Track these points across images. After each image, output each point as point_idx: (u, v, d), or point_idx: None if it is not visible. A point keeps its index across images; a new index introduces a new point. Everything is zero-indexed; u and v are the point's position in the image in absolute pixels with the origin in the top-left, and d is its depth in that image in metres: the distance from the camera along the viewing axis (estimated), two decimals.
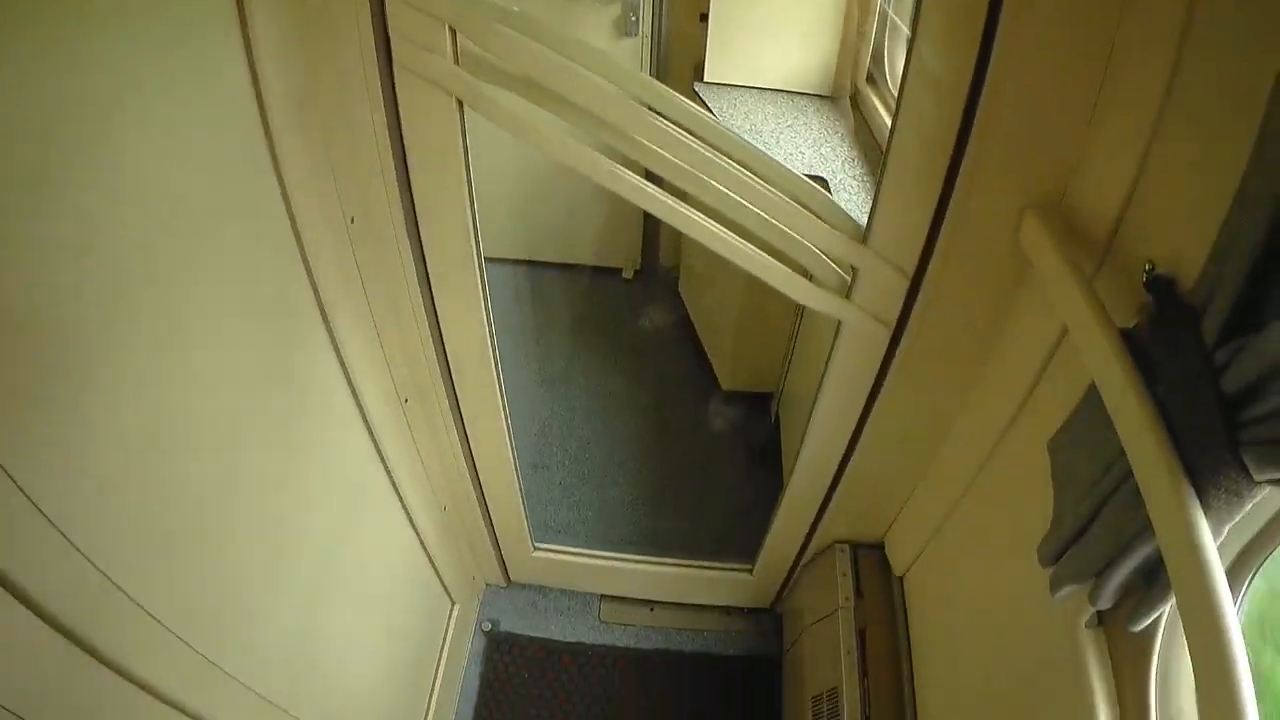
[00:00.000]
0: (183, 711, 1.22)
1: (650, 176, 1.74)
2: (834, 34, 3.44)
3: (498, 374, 2.27)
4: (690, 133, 1.68)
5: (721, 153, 1.70)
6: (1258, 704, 0.86)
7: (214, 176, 1.27)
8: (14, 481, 0.85)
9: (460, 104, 1.63)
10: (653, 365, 4.48)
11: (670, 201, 1.75)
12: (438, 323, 2.08)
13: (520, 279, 4.72)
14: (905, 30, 3.09)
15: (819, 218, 1.75)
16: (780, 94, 3.51)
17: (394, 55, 1.55)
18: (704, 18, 3.47)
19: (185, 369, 1.22)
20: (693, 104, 1.69)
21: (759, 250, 1.80)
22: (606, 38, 3.90)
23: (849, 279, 1.83)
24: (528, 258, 4.82)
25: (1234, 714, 0.85)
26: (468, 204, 1.81)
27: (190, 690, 1.23)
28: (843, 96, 3.53)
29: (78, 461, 0.99)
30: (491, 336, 2.15)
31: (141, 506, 1.13)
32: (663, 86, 1.67)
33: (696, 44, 3.61)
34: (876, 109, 3.17)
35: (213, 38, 1.24)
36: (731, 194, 1.71)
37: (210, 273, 1.27)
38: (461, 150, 1.70)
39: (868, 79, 3.40)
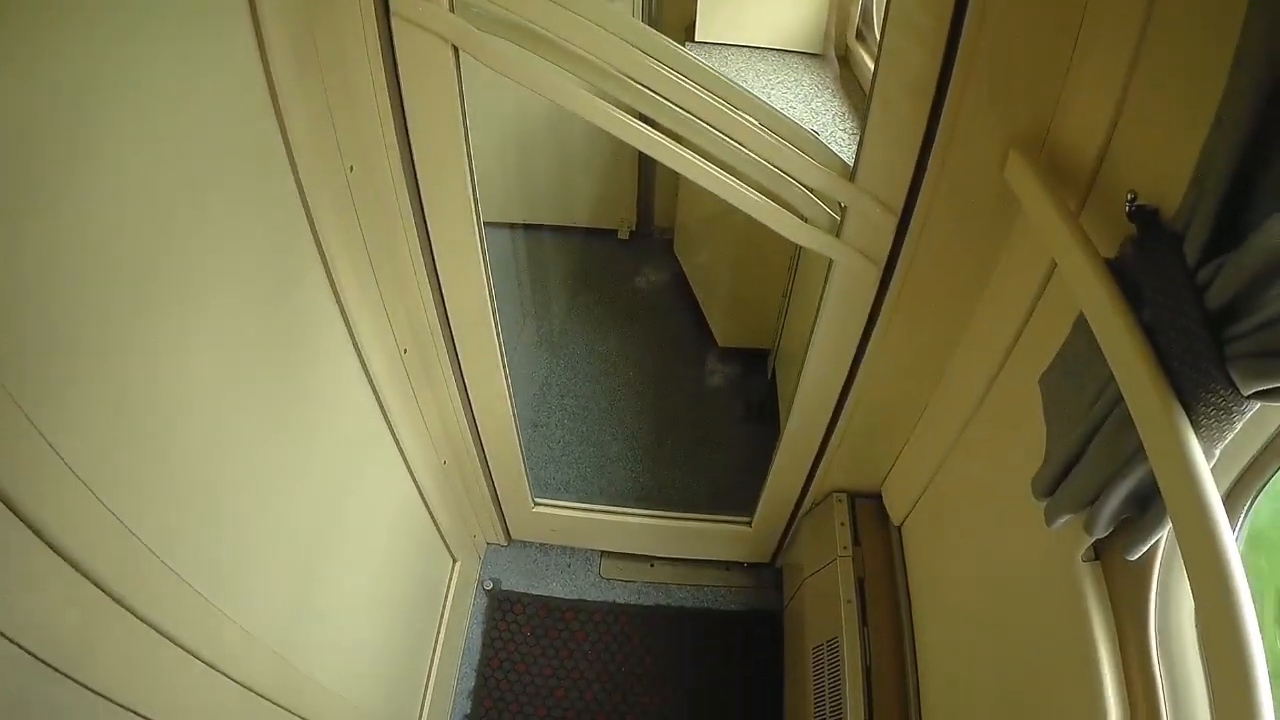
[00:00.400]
0: (180, 647, 1.23)
1: (644, 122, 1.76)
2: None
3: (496, 324, 2.28)
4: (682, 75, 1.70)
5: (712, 94, 1.72)
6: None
7: (218, 120, 1.28)
8: (29, 420, 0.88)
9: (456, 52, 1.65)
10: (649, 324, 4.49)
11: (663, 140, 1.76)
12: (436, 273, 2.10)
13: (516, 242, 4.71)
14: None
15: (807, 155, 1.77)
16: (771, 52, 3.52)
17: (390, 3, 1.56)
18: None
19: (189, 312, 1.24)
20: (683, 48, 1.71)
21: (751, 189, 1.82)
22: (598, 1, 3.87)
23: (838, 218, 1.85)
24: (523, 221, 4.81)
25: (1235, 634, 0.87)
26: (465, 153, 1.82)
27: (185, 626, 1.24)
28: (833, 54, 3.53)
29: (86, 401, 1.01)
30: (489, 286, 2.17)
31: (142, 445, 1.14)
32: (654, 32, 1.69)
33: (688, 3, 3.59)
34: (866, 65, 3.18)
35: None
36: (723, 135, 1.74)
37: (215, 217, 1.29)
38: (458, 98, 1.72)
39: (857, 36, 3.41)
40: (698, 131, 1.73)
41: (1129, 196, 1.19)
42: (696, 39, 3.54)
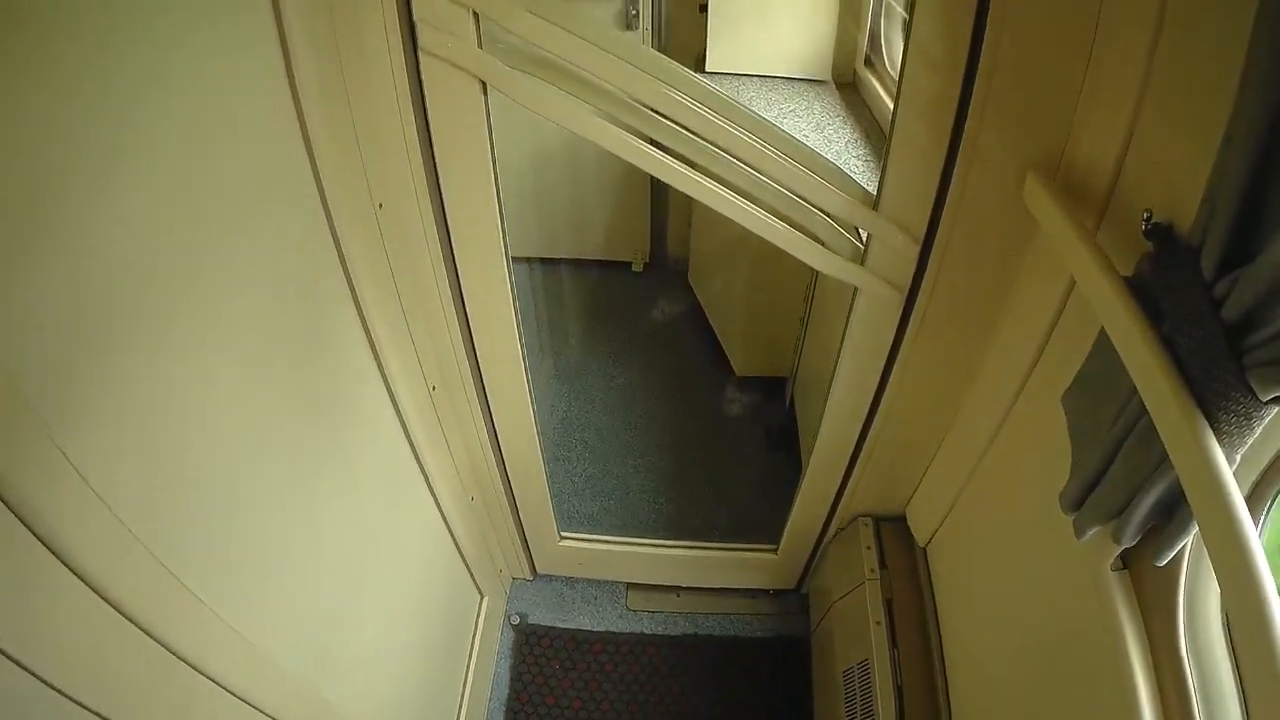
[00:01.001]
0: (209, 678, 1.24)
1: (669, 154, 1.79)
2: (831, 19, 3.50)
3: (524, 360, 2.31)
4: (704, 106, 1.73)
5: (733, 124, 1.75)
6: None
7: (250, 158, 1.31)
8: (57, 445, 0.89)
9: (484, 86, 1.68)
10: (667, 355, 4.51)
11: (684, 170, 1.79)
12: (464, 309, 2.13)
13: (533, 276, 4.73)
14: (901, 12, 3.14)
15: (830, 184, 1.80)
16: (781, 81, 3.55)
17: (418, 40, 1.59)
18: (703, 8, 3.53)
19: (223, 345, 1.26)
20: (703, 78, 1.74)
21: (774, 218, 1.85)
22: (608, 31, 3.90)
23: (862, 246, 1.88)
24: (539, 255, 4.85)
25: (1264, 628, 0.89)
26: (493, 188, 1.85)
27: (215, 658, 1.25)
28: (842, 81, 3.57)
29: (118, 430, 1.02)
30: (518, 322, 2.19)
31: (175, 476, 1.16)
32: (673, 62, 1.72)
33: (697, 35, 3.66)
34: (876, 91, 3.21)
35: (247, 23, 1.28)
36: (745, 164, 1.77)
37: (248, 251, 1.32)
38: (486, 134, 1.75)
39: (865, 62, 3.44)
40: (722, 162, 1.77)
41: (1145, 215, 1.22)
42: (707, 69, 3.59)
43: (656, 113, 1.73)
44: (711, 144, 1.75)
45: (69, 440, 0.91)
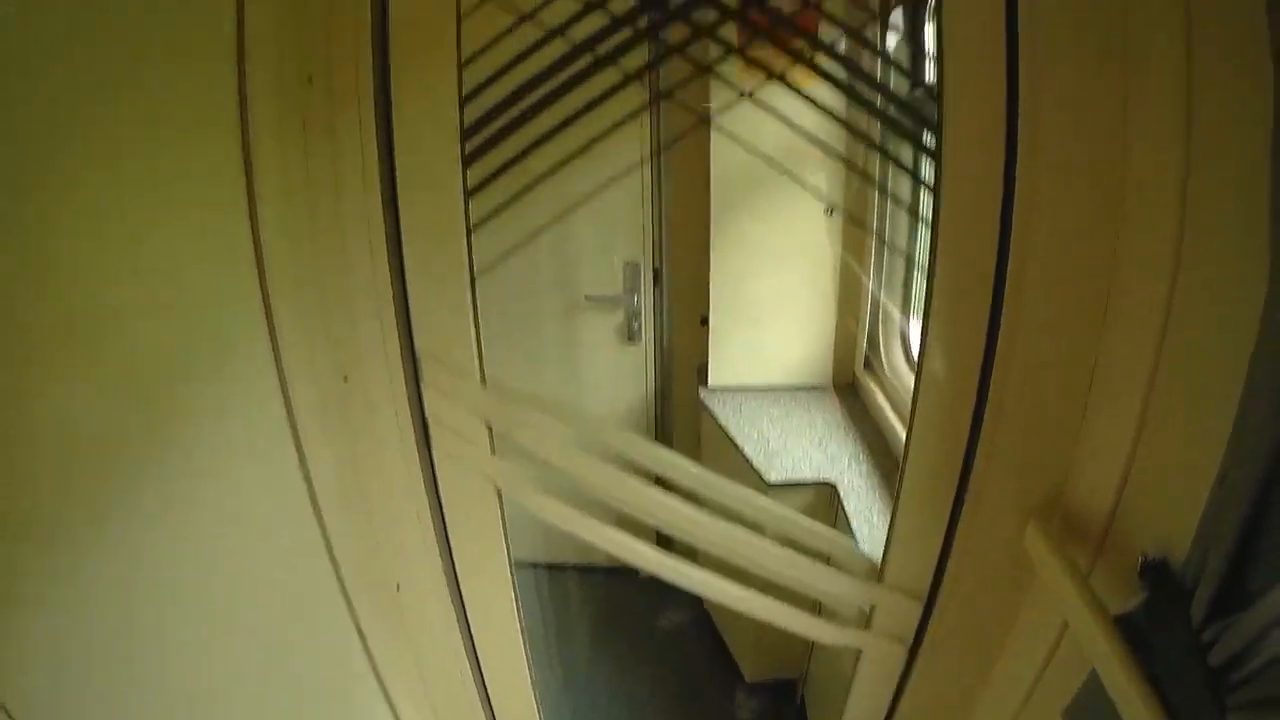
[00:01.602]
0: None
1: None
2: (829, 323, 3.61)
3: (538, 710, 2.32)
4: (712, 504, 1.82)
5: (740, 525, 1.84)
6: None
7: (270, 564, 1.38)
8: None
9: (499, 492, 1.75)
10: (674, 662, 4.42)
11: (690, 569, 1.91)
12: (485, 685, 2.14)
13: (539, 582, 4.71)
14: (897, 316, 3.24)
15: (836, 566, 1.87)
16: (783, 392, 3.65)
17: (431, 440, 1.67)
18: (704, 321, 3.63)
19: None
20: (712, 473, 1.83)
21: (779, 604, 1.93)
22: (611, 344, 4.04)
23: (866, 610, 1.92)
24: (545, 560, 4.83)
25: None
26: (509, 576, 1.91)
27: None
28: (841, 384, 3.66)
29: None
30: (536, 700, 2.23)
31: None
32: (681, 459, 1.82)
33: (698, 346, 3.75)
34: (874, 395, 3.28)
35: (264, 426, 1.38)
36: (750, 558, 1.85)
37: (270, 642, 1.37)
38: (501, 529, 1.81)
39: (865, 364, 3.53)
40: (725, 554, 1.84)
41: (1140, 557, 1.26)
42: (709, 384, 3.69)
43: (665, 521, 1.85)
44: (718, 543, 1.83)
45: None
